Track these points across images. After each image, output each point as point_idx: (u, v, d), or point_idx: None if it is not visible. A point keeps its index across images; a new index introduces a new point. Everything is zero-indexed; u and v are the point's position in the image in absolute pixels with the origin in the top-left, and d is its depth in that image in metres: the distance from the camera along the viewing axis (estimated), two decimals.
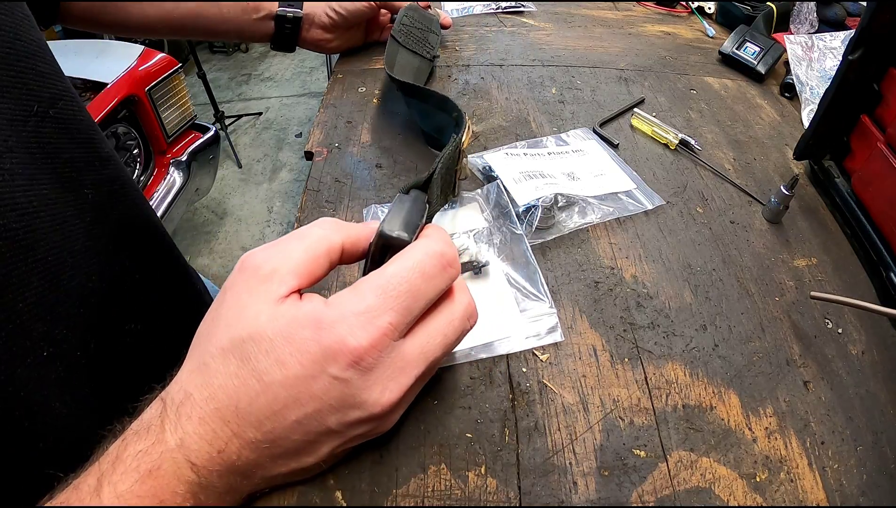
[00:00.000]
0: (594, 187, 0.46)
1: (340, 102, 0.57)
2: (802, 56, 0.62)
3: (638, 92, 0.61)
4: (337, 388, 0.23)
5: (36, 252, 0.29)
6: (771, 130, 0.57)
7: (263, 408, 0.23)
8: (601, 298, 0.39)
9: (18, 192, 0.28)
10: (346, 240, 0.27)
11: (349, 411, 0.24)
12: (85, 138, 0.35)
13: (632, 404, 0.32)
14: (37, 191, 0.30)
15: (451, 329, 0.26)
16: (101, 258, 0.35)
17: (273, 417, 0.23)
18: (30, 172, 0.29)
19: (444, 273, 0.25)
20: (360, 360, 0.23)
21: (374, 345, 0.23)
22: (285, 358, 0.23)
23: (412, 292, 0.24)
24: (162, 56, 1.65)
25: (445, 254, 0.26)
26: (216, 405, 0.23)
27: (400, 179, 0.48)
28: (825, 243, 0.44)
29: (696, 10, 0.82)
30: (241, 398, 0.23)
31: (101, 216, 0.35)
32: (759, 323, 0.38)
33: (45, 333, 0.29)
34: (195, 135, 1.80)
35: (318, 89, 3.01)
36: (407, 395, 0.25)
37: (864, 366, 0.36)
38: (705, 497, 0.29)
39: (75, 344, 0.32)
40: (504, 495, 0.28)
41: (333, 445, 0.25)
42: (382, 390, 0.24)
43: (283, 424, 0.23)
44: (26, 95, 0.30)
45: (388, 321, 0.23)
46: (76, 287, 0.32)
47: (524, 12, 0.80)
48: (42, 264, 0.29)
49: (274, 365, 0.23)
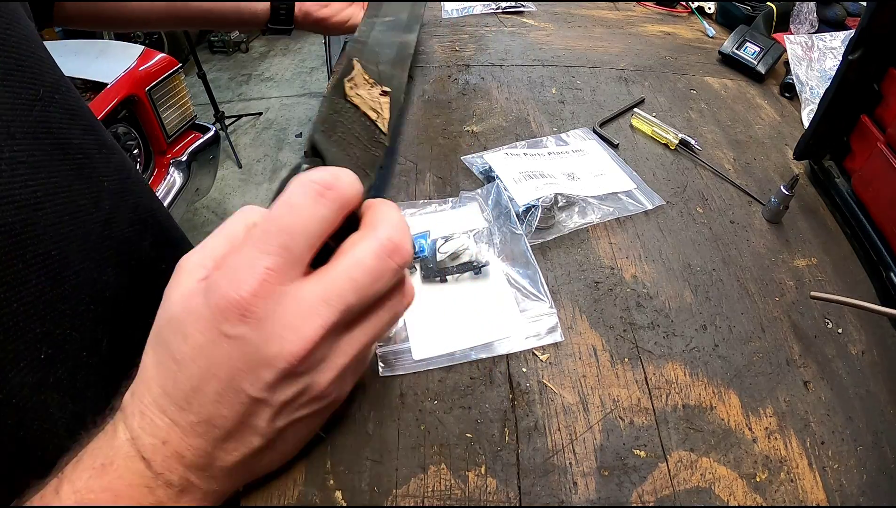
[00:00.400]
0: (594, 187, 0.46)
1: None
2: (802, 56, 0.62)
3: (638, 92, 0.61)
4: (237, 347, 0.22)
5: (36, 247, 0.28)
6: (771, 130, 0.57)
7: (185, 387, 0.22)
8: (601, 298, 0.39)
9: (18, 184, 0.27)
10: (265, 212, 0.25)
11: (259, 370, 0.22)
12: (89, 125, 0.33)
13: (632, 404, 0.32)
14: (42, 181, 0.28)
15: (361, 269, 0.23)
16: (119, 249, 0.33)
17: (196, 394, 0.22)
18: (36, 160, 0.28)
19: (324, 201, 0.22)
20: (247, 311, 0.21)
21: (255, 293, 0.21)
22: (188, 330, 0.22)
23: (288, 229, 0.22)
24: (162, 56, 1.64)
25: (319, 180, 0.23)
26: (151, 396, 0.23)
27: (400, 179, 0.48)
28: (825, 243, 0.44)
29: (696, 10, 0.82)
30: (166, 382, 0.23)
31: (118, 203, 0.34)
32: (759, 323, 0.38)
33: (44, 333, 0.28)
34: (195, 135, 1.80)
35: (318, 89, 3.01)
36: (326, 350, 0.23)
37: (864, 366, 0.35)
38: (705, 497, 0.29)
39: (82, 344, 0.30)
40: (504, 495, 0.28)
41: (267, 417, 0.23)
42: (281, 340, 0.22)
43: (207, 399, 0.22)
44: (30, 78, 0.29)
45: (265, 266, 0.22)
46: (86, 282, 0.31)
47: (524, 12, 0.80)
48: (42, 260, 0.28)
49: (181, 341, 0.22)
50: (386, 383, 0.33)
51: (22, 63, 0.29)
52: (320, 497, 0.28)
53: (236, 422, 0.23)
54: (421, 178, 0.48)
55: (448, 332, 0.35)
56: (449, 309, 0.37)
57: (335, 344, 0.24)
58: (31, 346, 0.27)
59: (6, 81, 0.27)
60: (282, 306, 0.22)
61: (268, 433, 0.24)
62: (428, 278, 0.38)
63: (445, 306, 0.37)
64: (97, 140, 0.34)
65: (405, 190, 0.47)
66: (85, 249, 0.31)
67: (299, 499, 0.28)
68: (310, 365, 0.23)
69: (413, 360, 0.34)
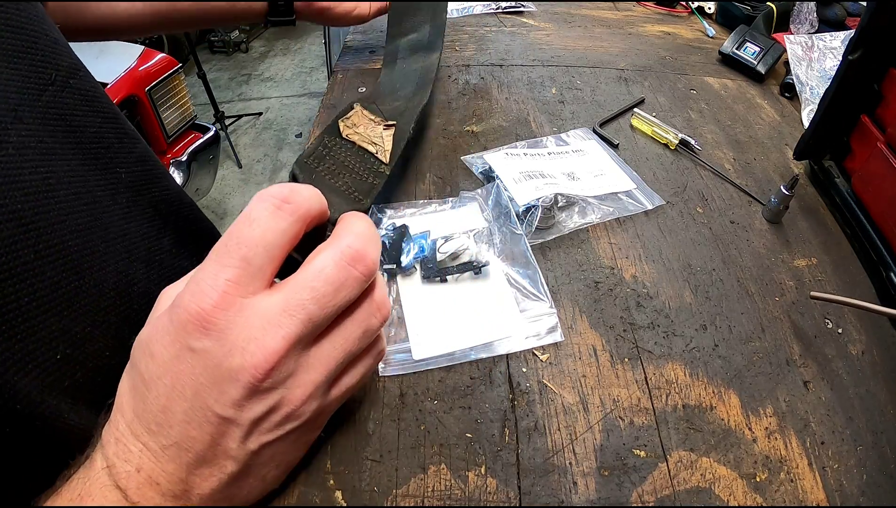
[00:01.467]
0: (594, 187, 0.47)
1: (340, 102, 0.57)
2: (802, 56, 0.62)
3: (638, 92, 0.61)
4: (200, 361, 0.21)
5: (50, 237, 0.26)
6: (771, 130, 0.57)
7: (154, 407, 0.22)
8: (601, 298, 0.39)
9: (27, 169, 0.25)
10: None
11: (224, 385, 0.22)
12: (109, 113, 0.32)
13: (632, 404, 0.32)
14: (53, 168, 0.27)
15: (322, 279, 0.22)
16: (145, 243, 0.32)
17: (165, 414, 0.22)
18: (46, 146, 0.26)
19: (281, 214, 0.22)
20: (208, 323, 0.21)
21: (217, 305, 0.21)
22: (154, 348, 0.22)
23: (247, 241, 0.22)
24: (162, 56, 1.65)
25: (276, 194, 0.23)
26: (125, 421, 0.22)
27: (400, 180, 0.48)
28: (825, 243, 0.44)
29: (696, 10, 0.82)
30: (137, 405, 0.22)
31: (137, 198, 0.32)
32: (759, 323, 0.38)
33: (62, 331, 0.26)
34: (195, 135, 1.80)
35: (318, 89, 3.01)
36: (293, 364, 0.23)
37: (864, 366, 0.35)
38: (705, 497, 0.29)
39: (105, 344, 0.29)
40: (504, 495, 0.28)
41: (237, 438, 0.22)
42: (243, 352, 0.21)
43: (175, 419, 0.22)
44: (41, 61, 0.27)
45: (226, 279, 0.21)
46: (111, 276, 0.29)
47: (524, 12, 0.80)
48: (58, 251, 0.26)
49: (149, 360, 0.22)
50: (386, 383, 0.33)
51: (35, 45, 0.27)
52: (320, 498, 0.28)
53: (207, 444, 0.22)
54: (421, 178, 0.48)
55: (448, 332, 0.35)
56: (449, 309, 0.37)
57: (302, 358, 0.23)
58: (44, 345, 0.25)
59: (15, 62, 0.26)
60: (243, 318, 0.22)
61: (241, 456, 0.23)
62: (428, 278, 0.38)
63: (445, 306, 0.37)
64: (118, 129, 0.32)
65: (405, 190, 0.47)
66: (107, 240, 0.29)
67: (299, 499, 0.28)
68: (277, 380, 0.22)
69: (413, 360, 0.34)
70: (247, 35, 3.39)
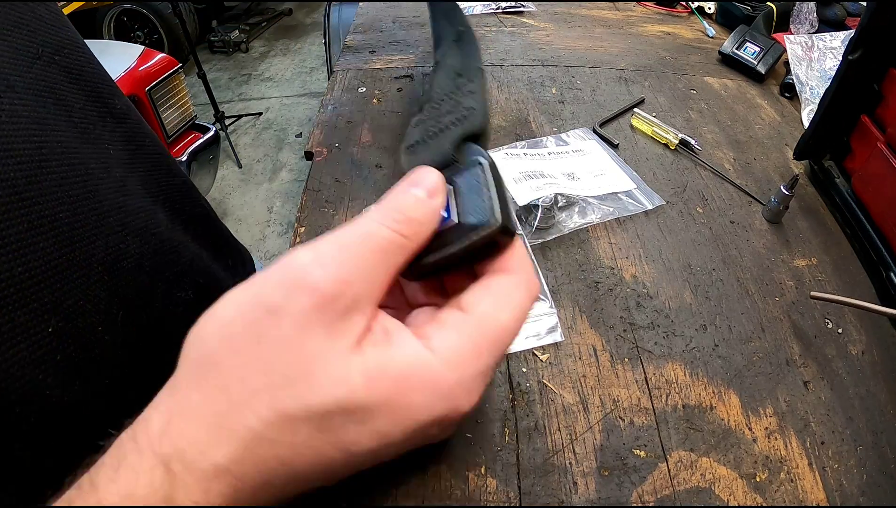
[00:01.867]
0: (594, 187, 0.47)
1: (340, 102, 0.57)
2: (802, 56, 0.62)
3: (638, 92, 0.61)
4: (423, 437, 0.20)
5: (42, 208, 0.25)
6: (771, 130, 0.57)
7: (329, 473, 0.19)
8: (601, 298, 0.39)
9: (20, 137, 0.25)
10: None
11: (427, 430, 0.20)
12: (93, 92, 0.31)
13: (632, 404, 0.32)
14: (46, 138, 0.26)
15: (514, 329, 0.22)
16: (142, 216, 0.31)
17: (335, 476, 0.20)
18: (39, 116, 0.26)
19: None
20: (464, 416, 0.20)
21: (478, 402, 0.20)
22: (387, 429, 0.19)
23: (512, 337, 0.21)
24: (162, 56, 1.65)
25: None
26: (265, 477, 0.18)
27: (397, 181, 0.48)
28: (825, 243, 0.44)
29: (696, 10, 0.82)
30: (307, 469, 0.19)
31: (130, 172, 0.32)
32: (759, 323, 0.38)
33: (53, 304, 0.25)
34: (195, 135, 1.80)
35: (318, 89, 3.01)
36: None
37: (864, 366, 0.35)
38: (705, 497, 0.29)
39: (97, 318, 0.27)
40: (504, 495, 0.28)
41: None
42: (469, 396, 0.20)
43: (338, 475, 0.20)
44: (28, 36, 0.27)
45: (491, 378, 0.21)
46: (100, 249, 0.28)
47: (524, 12, 0.80)
48: (50, 223, 0.25)
49: (370, 436, 0.18)
50: None
51: (21, 19, 0.27)
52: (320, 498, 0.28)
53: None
54: None
55: None
56: None
57: None
58: (36, 317, 0.24)
59: (4, 34, 0.26)
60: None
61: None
62: None
63: None
64: (101, 108, 0.32)
65: None
66: (99, 213, 0.28)
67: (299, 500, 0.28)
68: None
69: None
70: (247, 35, 3.39)
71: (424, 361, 0.19)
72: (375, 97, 0.58)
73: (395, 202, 0.21)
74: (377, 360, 0.19)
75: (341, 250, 0.19)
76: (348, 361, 0.18)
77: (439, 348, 0.19)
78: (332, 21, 1.46)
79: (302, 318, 0.18)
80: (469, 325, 0.20)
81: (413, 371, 0.19)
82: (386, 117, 0.55)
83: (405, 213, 0.21)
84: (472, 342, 0.20)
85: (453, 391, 0.19)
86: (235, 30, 3.32)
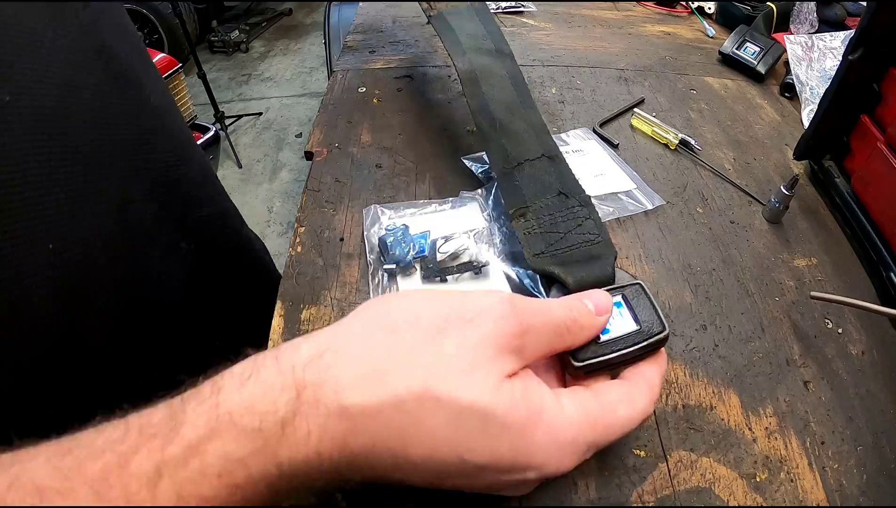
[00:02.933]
0: (594, 187, 0.46)
1: (340, 102, 0.57)
2: (802, 56, 0.62)
3: (638, 92, 0.61)
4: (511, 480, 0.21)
5: (65, 140, 0.25)
6: (771, 130, 0.57)
7: (426, 473, 0.20)
8: None
9: (55, 64, 0.25)
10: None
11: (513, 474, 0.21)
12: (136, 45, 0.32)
13: None
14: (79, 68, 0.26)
15: (627, 424, 0.24)
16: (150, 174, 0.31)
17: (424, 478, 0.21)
18: (75, 57, 0.26)
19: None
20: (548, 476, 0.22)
21: (565, 471, 0.22)
22: (502, 453, 0.20)
23: None
24: (162, 56, 1.65)
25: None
26: (377, 444, 0.19)
27: (400, 179, 0.48)
28: (825, 243, 0.44)
29: (696, 10, 0.82)
30: (415, 458, 0.20)
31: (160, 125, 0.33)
32: (759, 323, 0.38)
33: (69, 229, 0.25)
34: (195, 135, 1.80)
35: (318, 89, 3.01)
36: None
37: (864, 366, 0.35)
38: (705, 497, 0.29)
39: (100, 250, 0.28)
40: None
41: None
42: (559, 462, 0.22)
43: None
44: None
45: (584, 460, 0.23)
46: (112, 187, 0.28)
47: (524, 12, 0.80)
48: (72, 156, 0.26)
49: (486, 452, 0.20)
50: None
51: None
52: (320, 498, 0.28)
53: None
54: (421, 178, 0.48)
55: None
56: None
57: None
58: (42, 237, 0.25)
59: None
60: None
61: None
62: (428, 278, 0.38)
63: None
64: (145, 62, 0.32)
65: (405, 190, 0.47)
66: (114, 155, 0.28)
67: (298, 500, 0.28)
68: None
69: None
70: (247, 35, 3.39)
71: (556, 410, 0.21)
72: (375, 97, 0.58)
73: (572, 302, 0.25)
74: (522, 390, 0.21)
75: (532, 306, 0.23)
76: (501, 381, 0.20)
77: (567, 406, 0.22)
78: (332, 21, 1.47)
79: (483, 333, 0.21)
80: (593, 403, 0.23)
81: (546, 412, 0.21)
82: (386, 117, 0.55)
83: (577, 319, 0.24)
84: (592, 418, 0.22)
85: (564, 447, 0.21)
86: (235, 30, 3.32)
